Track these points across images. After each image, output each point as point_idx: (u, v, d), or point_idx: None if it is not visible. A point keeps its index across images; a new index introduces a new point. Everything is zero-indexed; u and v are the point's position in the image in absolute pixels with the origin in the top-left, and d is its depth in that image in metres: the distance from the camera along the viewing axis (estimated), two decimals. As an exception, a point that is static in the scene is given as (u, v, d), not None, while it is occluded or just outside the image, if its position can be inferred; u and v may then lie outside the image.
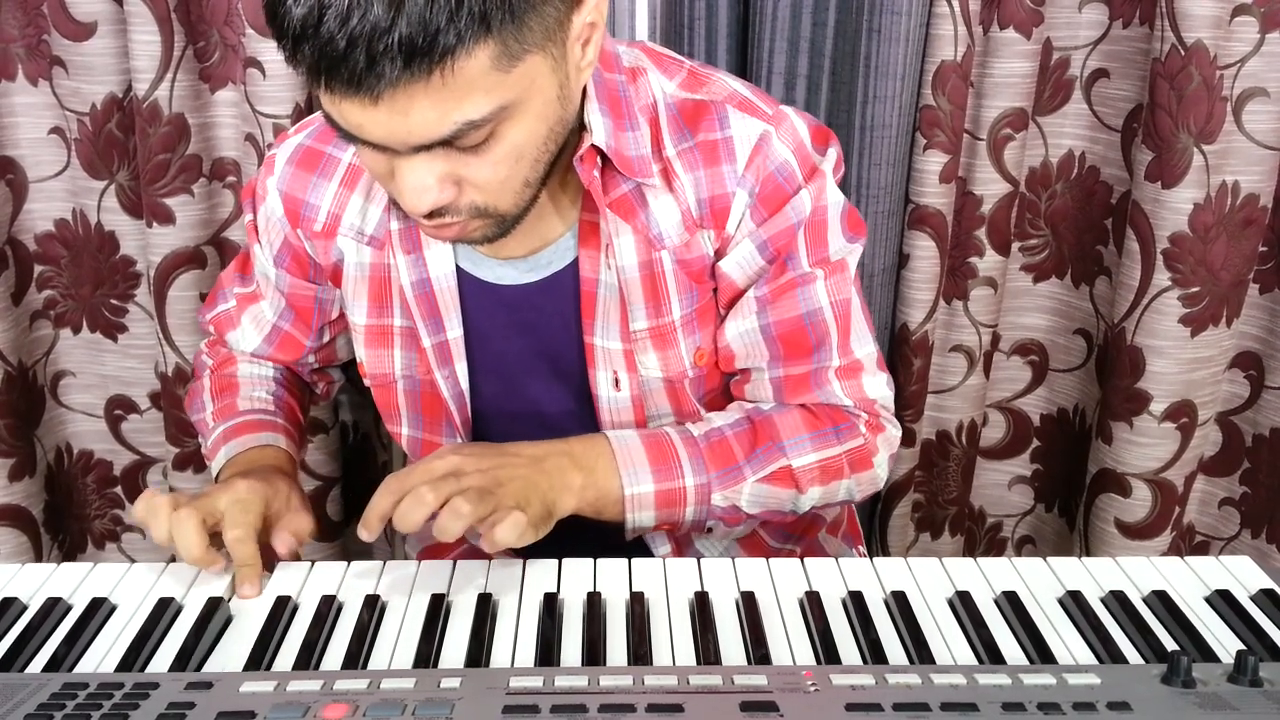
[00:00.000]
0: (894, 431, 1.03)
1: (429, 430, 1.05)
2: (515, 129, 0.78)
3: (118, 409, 1.57)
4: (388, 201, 0.96)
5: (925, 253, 1.41)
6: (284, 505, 0.93)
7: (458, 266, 0.97)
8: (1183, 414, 1.43)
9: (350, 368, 1.15)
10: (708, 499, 0.95)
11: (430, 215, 0.81)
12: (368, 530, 0.83)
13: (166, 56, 1.33)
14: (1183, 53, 1.27)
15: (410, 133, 0.74)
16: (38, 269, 1.50)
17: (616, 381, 0.98)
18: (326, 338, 1.11)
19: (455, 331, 0.98)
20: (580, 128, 0.88)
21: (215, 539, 0.87)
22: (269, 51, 1.30)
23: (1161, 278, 1.37)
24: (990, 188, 1.43)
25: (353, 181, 0.98)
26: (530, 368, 1.01)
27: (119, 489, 1.62)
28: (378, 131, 0.75)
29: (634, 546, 0.99)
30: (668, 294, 0.95)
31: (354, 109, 0.73)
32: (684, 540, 1.06)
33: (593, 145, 0.88)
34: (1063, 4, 1.38)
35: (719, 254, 0.96)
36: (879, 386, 1.01)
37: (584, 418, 1.01)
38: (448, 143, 0.76)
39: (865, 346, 1.00)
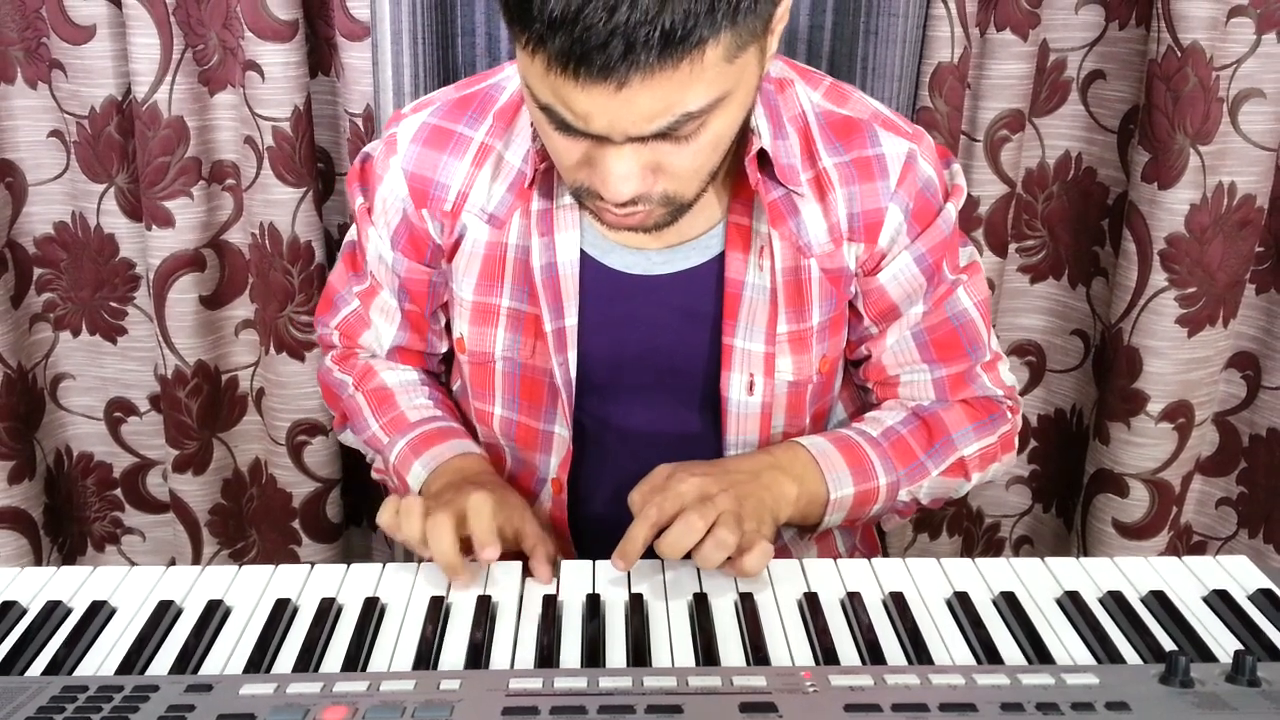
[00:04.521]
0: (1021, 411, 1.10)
1: (526, 414, 1.03)
2: (721, 118, 0.78)
3: (117, 411, 1.57)
4: (515, 181, 0.96)
5: (923, 254, 1.41)
6: (522, 516, 0.92)
7: (582, 251, 0.97)
8: (1180, 414, 1.43)
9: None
10: (895, 496, 0.99)
11: (623, 203, 0.81)
12: (626, 562, 0.84)
13: (165, 59, 1.33)
14: (1179, 54, 1.27)
15: (634, 122, 0.74)
16: (37, 272, 1.50)
17: (751, 386, 0.98)
18: (442, 322, 1.09)
19: (572, 319, 0.97)
20: (744, 128, 0.88)
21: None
22: (268, 54, 1.30)
23: (1158, 278, 1.37)
24: (987, 189, 1.43)
25: (482, 160, 0.97)
26: (637, 362, 1.00)
27: (119, 491, 1.62)
28: (602, 121, 0.74)
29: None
30: (810, 300, 0.97)
31: (586, 98, 0.72)
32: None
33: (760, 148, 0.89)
34: (1059, 5, 1.38)
35: (868, 267, 0.98)
36: (1010, 373, 1.08)
37: (693, 421, 1.02)
38: (663, 133, 0.76)
39: (995, 339, 1.06)
